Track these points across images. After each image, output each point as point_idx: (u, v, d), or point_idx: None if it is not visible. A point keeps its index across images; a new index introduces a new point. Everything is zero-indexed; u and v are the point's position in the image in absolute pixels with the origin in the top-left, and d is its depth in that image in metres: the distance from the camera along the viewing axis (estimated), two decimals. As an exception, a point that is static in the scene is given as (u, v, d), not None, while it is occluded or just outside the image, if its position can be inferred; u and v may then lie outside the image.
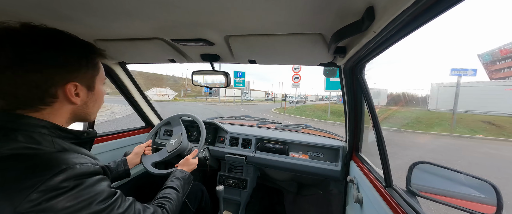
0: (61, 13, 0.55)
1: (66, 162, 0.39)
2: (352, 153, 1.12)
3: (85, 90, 0.47)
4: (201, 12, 0.52)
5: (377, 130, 0.76)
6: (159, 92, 9.34)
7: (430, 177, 0.69)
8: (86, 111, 0.50)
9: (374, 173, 0.83)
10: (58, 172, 0.36)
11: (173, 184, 0.73)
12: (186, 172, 0.83)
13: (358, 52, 0.63)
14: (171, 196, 0.66)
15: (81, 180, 0.39)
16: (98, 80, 0.51)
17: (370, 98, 0.80)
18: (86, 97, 0.48)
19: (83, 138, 0.49)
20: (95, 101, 0.51)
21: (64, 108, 0.45)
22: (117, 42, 0.82)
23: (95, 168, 0.43)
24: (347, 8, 0.45)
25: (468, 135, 7.18)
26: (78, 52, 0.44)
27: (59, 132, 0.44)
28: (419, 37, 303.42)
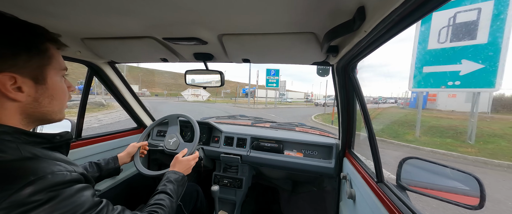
0: (44, 9, 0.52)
1: (35, 172, 0.33)
2: (345, 150, 1.15)
3: (31, 83, 0.39)
4: (193, 10, 0.51)
5: (369, 127, 0.78)
6: (194, 93, 9.27)
7: (419, 171, 0.72)
8: (40, 110, 0.41)
9: (366, 169, 0.85)
10: (24, 185, 0.31)
11: (166, 188, 0.68)
12: (180, 173, 0.78)
13: (350, 51, 0.65)
14: (164, 202, 0.62)
15: (56, 192, 0.34)
16: (51, 71, 0.42)
17: (362, 96, 0.82)
18: (35, 92, 0.40)
19: (56, 141, 0.43)
20: (52, 97, 0.42)
21: (7, 107, 0.37)
22: (106, 41, 0.79)
23: (73, 175, 0.38)
24: (339, 8, 0.46)
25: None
26: (13, 36, 0.36)
27: (25, 137, 0.38)
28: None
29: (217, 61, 1.01)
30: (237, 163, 1.41)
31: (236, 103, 22.79)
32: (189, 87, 1.07)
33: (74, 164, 0.42)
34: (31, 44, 0.38)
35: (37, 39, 0.39)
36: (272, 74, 15.13)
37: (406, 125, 7.07)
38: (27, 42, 0.38)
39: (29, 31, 0.39)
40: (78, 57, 0.98)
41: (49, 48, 0.41)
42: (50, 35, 0.42)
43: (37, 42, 0.39)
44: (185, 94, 9.66)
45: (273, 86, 15.29)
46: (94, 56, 1.01)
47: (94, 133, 1.26)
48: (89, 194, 0.40)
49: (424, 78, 3.48)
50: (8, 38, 0.35)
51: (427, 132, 6.38)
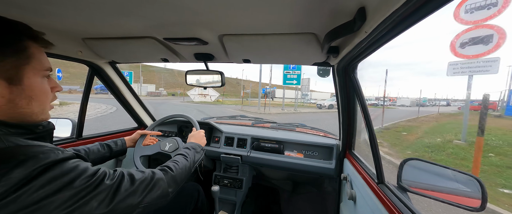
0: (45, 9, 0.52)
1: (24, 153, 0.33)
2: (345, 150, 1.14)
3: (5, 84, 0.36)
4: (194, 11, 0.51)
5: (369, 128, 0.77)
6: (201, 92, 8.58)
7: (420, 173, 0.72)
8: (18, 111, 0.39)
9: (367, 170, 0.85)
10: (17, 164, 0.32)
11: (181, 151, 0.72)
12: (196, 143, 0.83)
13: (350, 52, 0.65)
14: (176, 158, 0.65)
15: (51, 167, 0.34)
16: (31, 71, 0.39)
17: (362, 97, 0.81)
18: (9, 93, 0.37)
19: (39, 131, 0.42)
20: (30, 99, 0.40)
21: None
22: (107, 41, 0.80)
23: (66, 153, 0.38)
24: (340, 8, 0.46)
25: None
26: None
27: (8, 128, 0.37)
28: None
29: (217, 61, 1.01)
30: (237, 163, 1.41)
31: (244, 105, 18.88)
32: (197, 87, 1.07)
33: (65, 150, 0.41)
34: (6, 43, 0.36)
35: (14, 37, 0.37)
36: (291, 68, 11.62)
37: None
38: (1, 41, 0.35)
39: (5, 29, 0.36)
40: (79, 57, 0.98)
41: (28, 47, 0.39)
42: (32, 33, 0.39)
43: (14, 41, 0.37)
44: (191, 94, 9.26)
45: (293, 83, 11.67)
46: (95, 56, 1.01)
47: (95, 133, 1.26)
48: (87, 164, 0.40)
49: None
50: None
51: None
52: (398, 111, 22.05)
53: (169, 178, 0.57)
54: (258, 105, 15.85)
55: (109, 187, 0.41)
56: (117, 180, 0.44)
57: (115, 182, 0.43)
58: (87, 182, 0.38)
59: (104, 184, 0.40)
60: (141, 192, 0.48)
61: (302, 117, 11.65)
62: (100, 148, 0.87)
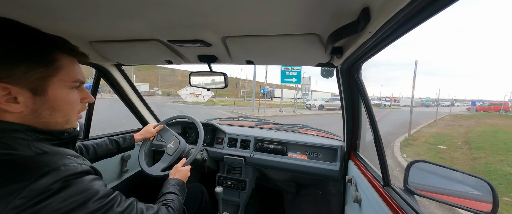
0: (54, 13, 0.54)
1: (49, 164, 0.35)
2: (350, 152, 1.13)
3: (29, 94, 0.37)
4: (198, 13, 0.52)
5: (374, 129, 0.76)
6: (193, 92, 8.03)
7: (428, 175, 0.70)
8: (41, 121, 0.40)
9: (372, 172, 0.83)
10: (41, 175, 0.33)
11: (171, 189, 0.72)
12: (179, 180, 0.81)
13: (354, 53, 0.64)
14: (173, 197, 0.66)
15: (70, 181, 0.35)
16: (57, 83, 0.40)
17: (367, 98, 0.80)
18: (33, 103, 0.38)
19: (64, 138, 0.44)
20: (53, 110, 0.41)
21: (6, 117, 0.37)
22: (113, 44, 0.81)
23: (84, 167, 0.39)
24: (343, 9, 0.46)
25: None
26: (12, 45, 0.35)
27: (37, 134, 0.39)
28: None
29: (221, 63, 1.01)
30: (240, 165, 1.41)
31: (238, 106, 16.81)
32: (188, 86, 1.06)
33: (82, 158, 0.43)
34: (34, 55, 0.37)
35: (44, 50, 0.38)
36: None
37: None
38: (30, 53, 0.36)
39: (35, 42, 0.37)
40: (86, 60, 1.01)
41: (58, 59, 0.40)
42: (66, 46, 0.41)
43: (42, 53, 0.38)
44: (183, 94, 8.85)
45: (292, 82, 10.58)
46: (101, 59, 1.03)
47: (101, 133, 1.29)
48: (101, 183, 0.41)
49: None
50: (6, 48, 0.34)
51: None
52: (406, 111, 20.64)
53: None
54: (252, 106, 12.94)
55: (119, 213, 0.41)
56: (127, 210, 0.43)
57: (125, 211, 0.42)
58: (99, 204, 0.38)
59: (114, 210, 0.40)
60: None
61: (303, 120, 10.31)
62: (109, 144, 0.89)
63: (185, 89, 8.38)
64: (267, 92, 18.42)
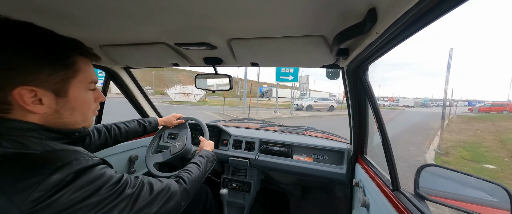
0: (66, 18, 0.56)
1: (61, 159, 0.36)
2: (357, 155, 1.10)
3: (52, 96, 0.39)
4: (203, 17, 0.53)
5: (382, 131, 0.74)
6: (183, 91, 7.61)
7: (439, 180, 0.68)
8: (62, 121, 0.42)
9: (381, 176, 0.81)
10: (55, 169, 0.34)
11: (195, 160, 0.74)
12: (209, 152, 0.84)
13: (361, 54, 0.63)
14: (190, 168, 0.67)
15: (82, 173, 0.37)
16: (76, 84, 0.42)
17: (374, 99, 0.79)
18: (56, 104, 0.40)
19: (74, 137, 0.46)
20: (73, 110, 0.43)
21: (29, 117, 0.38)
22: (122, 47, 0.84)
23: (94, 160, 0.41)
24: (349, 10, 0.45)
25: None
26: (38, 50, 0.37)
27: (49, 133, 0.40)
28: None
29: (226, 65, 1.02)
30: (245, 167, 1.40)
31: (231, 106, 15.39)
32: (179, 84, 1.06)
33: (92, 154, 0.44)
34: (57, 59, 0.39)
35: (64, 53, 0.40)
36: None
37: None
38: (53, 57, 0.38)
39: (57, 45, 0.39)
40: (97, 63, 1.04)
41: (76, 61, 0.42)
42: (82, 49, 0.43)
43: (63, 57, 0.40)
44: (171, 93, 8.43)
45: (288, 80, 9.70)
46: (111, 62, 1.07)
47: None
48: (111, 171, 0.42)
49: None
50: (34, 52, 0.36)
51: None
52: (409, 113, 18.86)
53: (182, 190, 0.57)
54: (243, 106, 11.11)
55: (130, 195, 0.43)
56: (137, 189, 0.45)
57: (136, 191, 0.44)
58: (111, 190, 0.39)
59: (125, 192, 0.42)
60: (158, 203, 0.48)
61: (301, 123, 8.74)
62: (137, 127, 0.95)
63: (175, 88, 8.10)
64: (265, 92, 17.42)
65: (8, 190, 0.32)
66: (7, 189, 0.32)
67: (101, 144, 0.80)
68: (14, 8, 0.50)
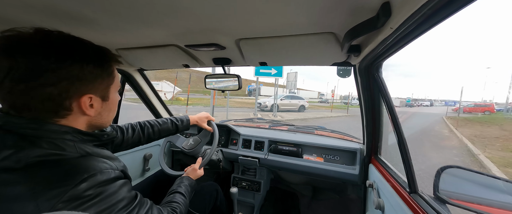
0: (85, 23, 0.59)
1: (88, 170, 0.39)
2: (370, 155, 1.06)
3: (100, 100, 0.45)
4: (213, 18, 0.53)
5: (398, 131, 0.71)
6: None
7: (462, 182, 0.63)
8: (100, 121, 0.48)
9: (397, 178, 0.78)
10: (81, 181, 0.37)
11: (182, 190, 0.75)
12: (192, 180, 0.85)
13: (374, 50, 0.60)
14: (180, 201, 0.68)
15: (103, 187, 0.40)
16: (113, 89, 0.49)
17: (388, 97, 0.75)
18: (101, 107, 0.46)
19: (104, 139, 0.50)
20: (109, 111, 0.50)
21: (78, 120, 0.44)
22: (137, 50, 0.87)
23: (116, 173, 0.44)
24: (361, 5, 0.44)
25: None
26: (94, 62, 0.42)
27: (82, 136, 0.44)
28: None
29: (234, 65, 1.03)
30: (255, 166, 1.41)
31: (202, 105, 12.79)
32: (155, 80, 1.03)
33: (117, 159, 0.48)
34: (104, 68, 0.44)
35: (107, 63, 0.45)
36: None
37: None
38: (102, 67, 0.44)
39: (104, 56, 0.44)
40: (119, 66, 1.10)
41: (114, 69, 0.48)
42: (114, 56, 0.47)
43: (108, 66, 0.45)
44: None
45: (270, 74, 8.05)
46: (126, 65, 1.12)
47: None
48: (127, 189, 0.45)
49: None
50: (91, 64, 0.41)
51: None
52: (404, 113, 17.23)
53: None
54: (227, 107, 8.52)
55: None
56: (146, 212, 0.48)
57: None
58: (124, 212, 0.42)
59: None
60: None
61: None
62: (170, 126, 0.95)
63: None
64: (252, 89, 15.89)
65: (39, 196, 0.34)
66: (38, 195, 0.34)
67: (134, 141, 0.84)
68: (37, 14, 0.53)
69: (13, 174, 0.35)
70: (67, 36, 0.40)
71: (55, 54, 0.37)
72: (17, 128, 0.38)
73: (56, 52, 0.37)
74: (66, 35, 0.40)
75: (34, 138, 0.38)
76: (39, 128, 0.39)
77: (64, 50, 0.38)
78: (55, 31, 0.39)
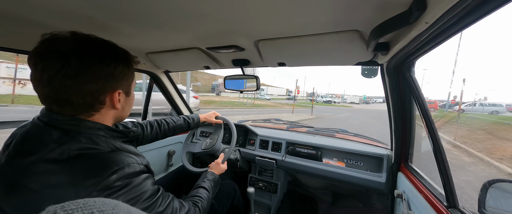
0: (119, 32, 0.66)
1: (117, 163, 0.43)
2: (400, 163, 0.97)
3: (124, 96, 0.52)
4: (233, 21, 0.55)
5: (433, 136, 0.63)
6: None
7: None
8: (122, 114, 0.55)
9: (431, 189, 0.69)
10: (112, 172, 0.41)
11: (205, 185, 0.78)
12: (216, 175, 0.88)
13: (404, 48, 0.55)
14: (203, 196, 0.71)
15: (129, 179, 0.43)
16: (133, 86, 0.55)
17: (422, 99, 0.68)
18: (125, 102, 0.53)
19: (130, 136, 0.56)
20: (130, 105, 0.56)
21: (109, 113, 0.50)
22: (163, 54, 0.94)
23: (141, 167, 0.48)
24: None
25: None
26: (123, 63, 0.48)
27: (112, 132, 0.50)
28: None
29: (253, 66, 1.04)
30: (272, 167, 1.40)
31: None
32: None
33: (142, 156, 0.53)
34: (129, 68, 0.51)
35: (130, 63, 0.51)
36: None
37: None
38: (129, 66, 0.50)
39: (128, 58, 0.51)
40: (143, 69, 1.20)
41: (133, 69, 0.54)
42: (134, 58, 0.53)
43: (130, 66, 0.52)
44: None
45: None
46: (154, 67, 1.21)
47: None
48: (150, 182, 0.49)
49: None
50: (122, 64, 0.47)
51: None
52: (361, 111, 17.93)
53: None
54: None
55: (161, 213, 0.49)
56: (168, 207, 0.51)
57: (166, 210, 0.50)
58: (148, 203, 0.46)
59: (155, 210, 0.48)
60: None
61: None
62: (183, 123, 1.05)
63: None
64: (216, 85, 15.00)
65: (78, 185, 0.39)
66: (78, 184, 0.39)
67: (153, 137, 0.91)
68: (79, 25, 0.59)
69: (58, 165, 0.40)
70: (101, 39, 0.46)
71: (98, 55, 0.43)
72: (61, 124, 0.43)
73: (99, 53, 0.43)
74: (100, 39, 0.46)
75: (75, 133, 0.44)
76: (79, 124, 0.44)
77: (103, 52, 0.44)
78: (90, 35, 0.45)
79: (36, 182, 0.38)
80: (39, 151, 0.40)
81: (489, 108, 16.43)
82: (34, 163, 0.40)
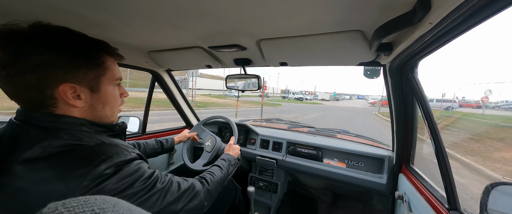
0: (124, 30, 0.66)
1: (105, 153, 0.42)
2: (401, 164, 0.97)
3: (88, 91, 0.45)
4: (235, 20, 0.55)
5: (436, 138, 0.63)
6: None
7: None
8: (95, 114, 0.47)
9: (433, 191, 0.69)
10: (101, 161, 0.40)
11: (218, 163, 0.78)
12: (231, 155, 0.88)
13: (408, 49, 0.55)
14: (213, 170, 0.70)
15: (120, 166, 0.42)
16: (105, 81, 0.47)
17: (425, 101, 0.67)
18: (91, 99, 0.45)
19: (116, 130, 0.52)
20: (105, 104, 0.48)
21: (73, 111, 0.44)
22: (166, 52, 0.95)
23: (132, 155, 0.46)
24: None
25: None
26: (76, 51, 0.42)
27: (96, 127, 0.46)
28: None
29: (255, 65, 1.04)
30: (272, 167, 1.40)
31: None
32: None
33: (131, 147, 0.49)
34: (90, 58, 0.44)
35: (95, 53, 0.45)
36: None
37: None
38: (87, 57, 0.43)
39: (90, 46, 0.44)
40: (145, 67, 1.21)
41: (105, 61, 0.47)
42: (109, 49, 0.47)
43: (95, 56, 0.45)
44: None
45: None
46: (156, 65, 1.22)
47: (154, 129, 1.51)
48: (146, 166, 0.48)
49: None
50: (72, 53, 0.41)
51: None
52: (337, 109, 18.51)
53: (205, 191, 0.61)
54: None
55: (161, 190, 0.48)
56: (167, 185, 0.50)
57: (166, 186, 0.49)
58: (144, 184, 0.45)
59: (156, 187, 0.47)
60: (184, 200, 0.53)
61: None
62: (155, 144, 1.03)
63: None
64: (179, 81, 13.73)
65: (66, 177, 0.37)
66: (65, 176, 0.37)
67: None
68: (81, 24, 0.59)
69: (40, 162, 0.38)
70: (54, 27, 0.41)
71: (33, 42, 0.38)
72: (39, 122, 0.41)
73: (35, 41, 0.38)
74: (52, 26, 0.41)
75: (55, 129, 0.41)
76: (57, 120, 0.42)
77: (42, 39, 0.39)
78: (44, 22, 0.40)
79: (21, 180, 0.37)
80: (18, 150, 0.39)
81: (445, 104, 19.04)
82: (15, 162, 0.38)
